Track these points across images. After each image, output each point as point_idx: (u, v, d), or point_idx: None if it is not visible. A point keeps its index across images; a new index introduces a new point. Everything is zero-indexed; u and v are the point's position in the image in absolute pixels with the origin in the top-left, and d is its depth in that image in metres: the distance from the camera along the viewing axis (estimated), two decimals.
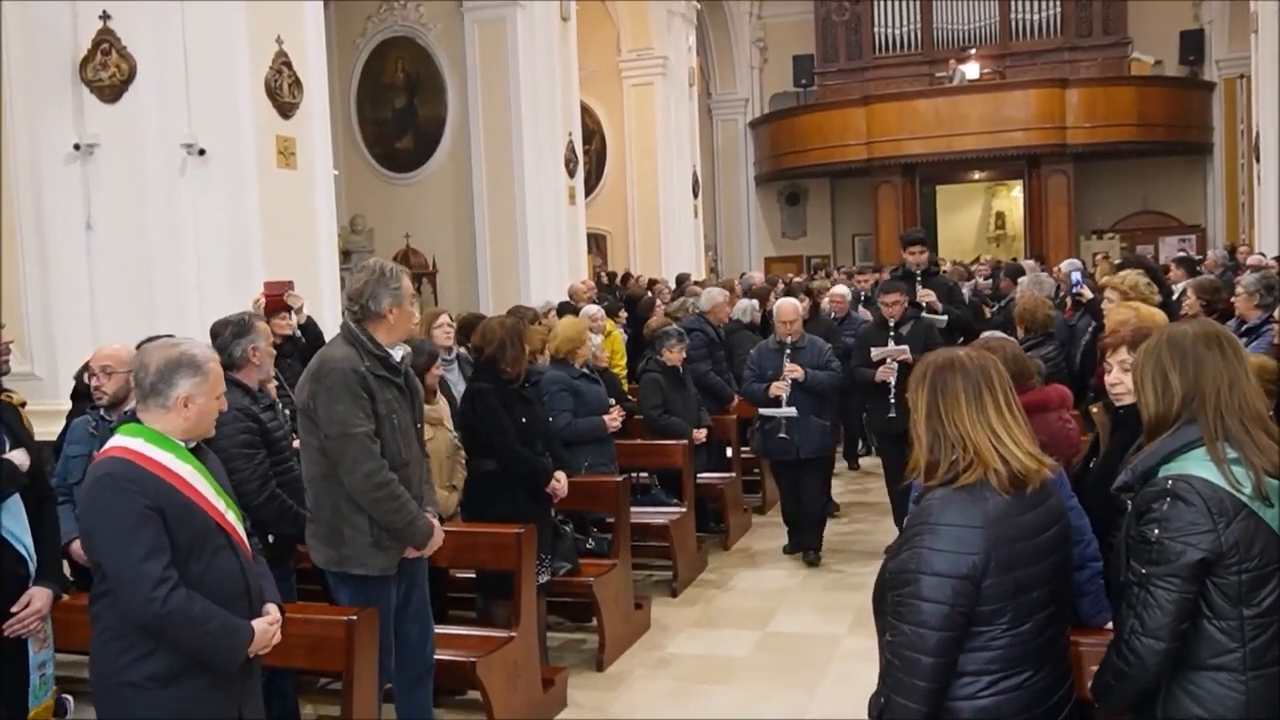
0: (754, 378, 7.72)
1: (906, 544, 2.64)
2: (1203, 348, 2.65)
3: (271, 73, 7.56)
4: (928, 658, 2.56)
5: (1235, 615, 2.49)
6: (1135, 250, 18.80)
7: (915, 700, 2.59)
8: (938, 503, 2.64)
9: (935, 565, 2.56)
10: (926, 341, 7.04)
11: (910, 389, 2.84)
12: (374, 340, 4.18)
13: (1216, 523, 2.47)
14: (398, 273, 4.27)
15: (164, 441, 3.12)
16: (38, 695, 3.91)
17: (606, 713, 5.37)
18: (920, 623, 2.56)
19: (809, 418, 7.49)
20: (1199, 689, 2.54)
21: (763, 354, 7.80)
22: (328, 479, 4.16)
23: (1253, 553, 2.47)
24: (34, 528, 3.94)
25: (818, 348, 7.67)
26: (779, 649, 6.12)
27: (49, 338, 7.31)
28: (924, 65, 24.20)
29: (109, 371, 4.77)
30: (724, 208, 25.95)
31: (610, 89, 18.12)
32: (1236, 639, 2.50)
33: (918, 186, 23.87)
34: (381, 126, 13.64)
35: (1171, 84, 22.89)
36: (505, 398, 5.43)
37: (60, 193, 7.29)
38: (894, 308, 7.57)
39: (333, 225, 8.39)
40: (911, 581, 2.58)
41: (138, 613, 2.99)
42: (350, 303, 4.22)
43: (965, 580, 2.55)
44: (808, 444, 7.53)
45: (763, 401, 7.56)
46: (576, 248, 13.72)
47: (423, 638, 4.50)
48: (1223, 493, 2.50)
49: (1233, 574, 2.48)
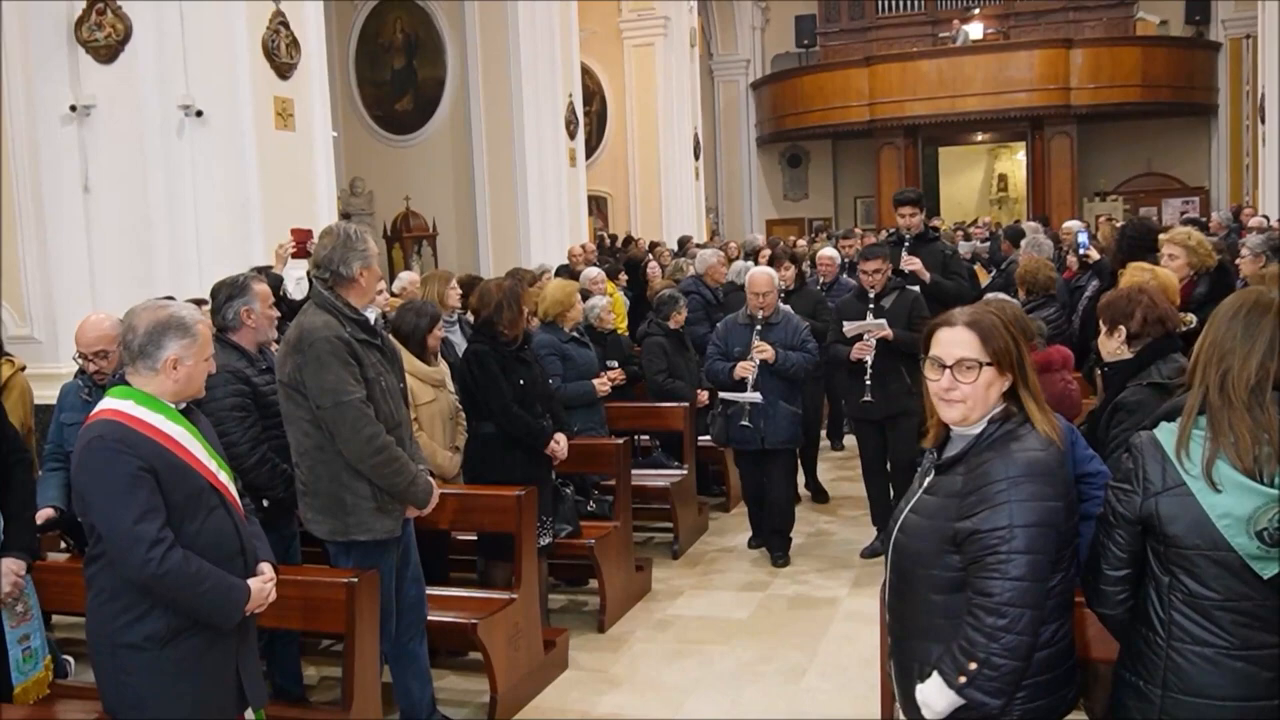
0: (718, 355, 6.86)
1: (985, 503, 2.56)
2: (1230, 317, 2.57)
3: (269, 33, 7.49)
4: (1032, 610, 2.53)
5: (1165, 583, 2.50)
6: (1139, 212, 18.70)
7: (1019, 657, 2.55)
8: (1014, 456, 2.58)
9: (1027, 516, 2.52)
10: (911, 316, 6.48)
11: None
12: (349, 305, 4.15)
13: (1146, 488, 2.48)
14: (363, 234, 4.23)
15: (154, 403, 3.11)
16: (22, 670, 3.82)
17: (608, 674, 5.40)
18: (1021, 577, 2.51)
19: (777, 404, 6.67)
20: (1133, 645, 2.59)
21: (730, 329, 6.92)
22: (321, 450, 4.11)
23: (1170, 530, 2.45)
24: (1, 494, 3.80)
25: (792, 325, 6.80)
26: (780, 611, 6.14)
27: (48, 301, 7.29)
28: (927, 25, 24.06)
29: (104, 354, 4.62)
30: (725, 170, 25.85)
31: (611, 50, 18.00)
32: (1163, 604, 2.51)
33: (920, 148, 23.76)
34: (380, 88, 13.56)
35: (1177, 44, 22.73)
36: (503, 360, 5.41)
37: (57, 155, 7.26)
38: (874, 277, 6.61)
39: (332, 187, 8.35)
40: (1008, 537, 2.52)
41: (134, 574, 2.99)
42: (319, 270, 4.17)
43: (1052, 528, 2.54)
44: (774, 433, 6.71)
45: (726, 384, 6.76)
46: (577, 210, 13.68)
47: (419, 598, 4.52)
48: (1168, 463, 2.47)
49: (1157, 542, 2.50)
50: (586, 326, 7.20)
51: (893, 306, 6.57)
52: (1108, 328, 3.73)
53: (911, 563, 2.72)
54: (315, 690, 5.26)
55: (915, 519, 2.73)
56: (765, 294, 6.69)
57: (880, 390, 6.45)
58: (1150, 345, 3.58)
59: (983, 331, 2.65)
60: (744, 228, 23.75)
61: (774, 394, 6.64)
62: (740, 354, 6.69)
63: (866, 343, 6.44)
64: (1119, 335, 3.68)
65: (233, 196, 7.34)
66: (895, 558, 2.78)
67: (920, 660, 2.70)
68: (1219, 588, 2.43)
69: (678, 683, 5.27)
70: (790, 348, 6.67)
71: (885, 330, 6.41)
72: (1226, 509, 2.39)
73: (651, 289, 9.72)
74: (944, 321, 2.74)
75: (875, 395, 6.46)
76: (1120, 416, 3.36)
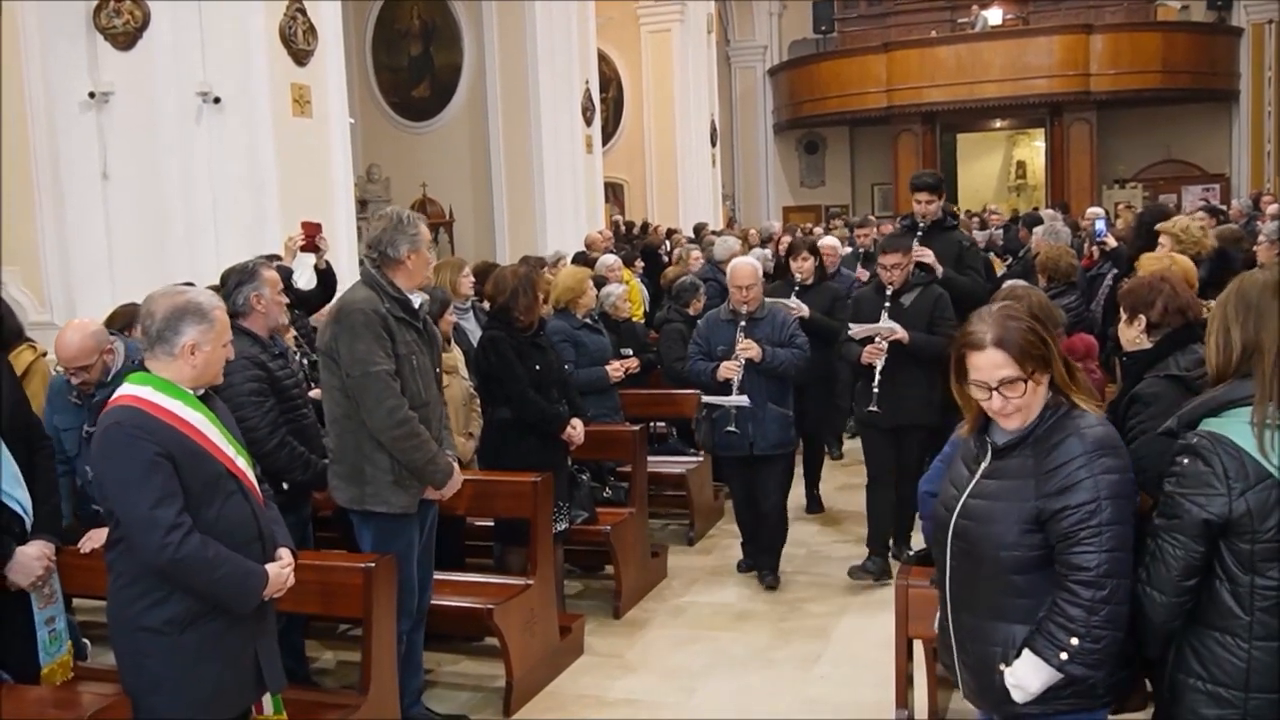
0: (699, 354, 6.28)
1: (1067, 479, 2.63)
2: (1269, 298, 2.52)
3: (286, 19, 7.51)
4: (1125, 580, 2.61)
5: (1246, 582, 2.44)
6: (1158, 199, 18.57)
7: (1120, 627, 2.62)
8: (1081, 432, 2.66)
9: (1110, 488, 2.60)
10: (934, 317, 5.99)
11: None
12: (393, 284, 4.27)
13: (1231, 488, 2.42)
14: (415, 220, 4.37)
15: (172, 389, 3.12)
16: (49, 651, 3.86)
17: (623, 659, 5.42)
18: (1115, 547, 2.58)
19: (766, 406, 6.09)
20: (1203, 648, 2.53)
21: (712, 326, 6.34)
22: (349, 419, 4.22)
23: (1267, 524, 2.40)
24: (28, 479, 3.83)
25: (780, 320, 6.23)
26: (794, 598, 6.14)
27: (67, 287, 7.34)
28: (946, 11, 23.89)
29: (85, 368, 4.52)
30: (742, 157, 25.78)
31: (628, 36, 17.96)
32: (1244, 605, 2.45)
33: (938, 135, 23.64)
34: (397, 74, 13.57)
35: (1198, 30, 22.52)
36: (518, 345, 5.42)
37: (76, 141, 7.29)
38: (894, 272, 6.05)
39: (349, 174, 8.37)
40: (1097, 510, 2.59)
41: (152, 559, 3.01)
42: (369, 249, 4.34)
43: (1129, 500, 2.64)
44: (764, 438, 6.12)
45: (710, 386, 6.19)
46: (594, 197, 13.67)
47: (423, 584, 4.55)
48: (1246, 458, 2.42)
49: (1244, 541, 2.43)
50: (601, 314, 7.20)
51: (913, 305, 6.04)
52: (1128, 316, 3.69)
53: (985, 546, 2.72)
54: (333, 674, 5.30)
55: (982, 504, 2.74)
56: (749, 287, 6.12)
57: (893, 399, 5.96)
58: (1169, 335, 3.54)
59: (1013, 347, 2.68)
60: (761, 214, 23.69)
61: (762, 395, 6.07)
62: (724, 353, 6.12)
63: (878, 345, 5.94)
64: (1139, 324, 3.64)
65: (250, 183, 7.36)
66: (961, 544, 2.79)
67: (1003, 643, 2.71)
68: None
69: (692, 668, 5.29)
70: (778, 344, 6.10)
71: (898, 333, 5.89)
72: None
73: (665, 277, 9.71)
74: (971, 344, 2.73)
75: (886, 404, 5.95)
76: (1137, 409, 3.33)
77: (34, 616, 3.84)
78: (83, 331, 4.57)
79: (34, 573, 3.78)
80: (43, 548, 3.83)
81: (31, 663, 3.84)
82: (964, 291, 6.32)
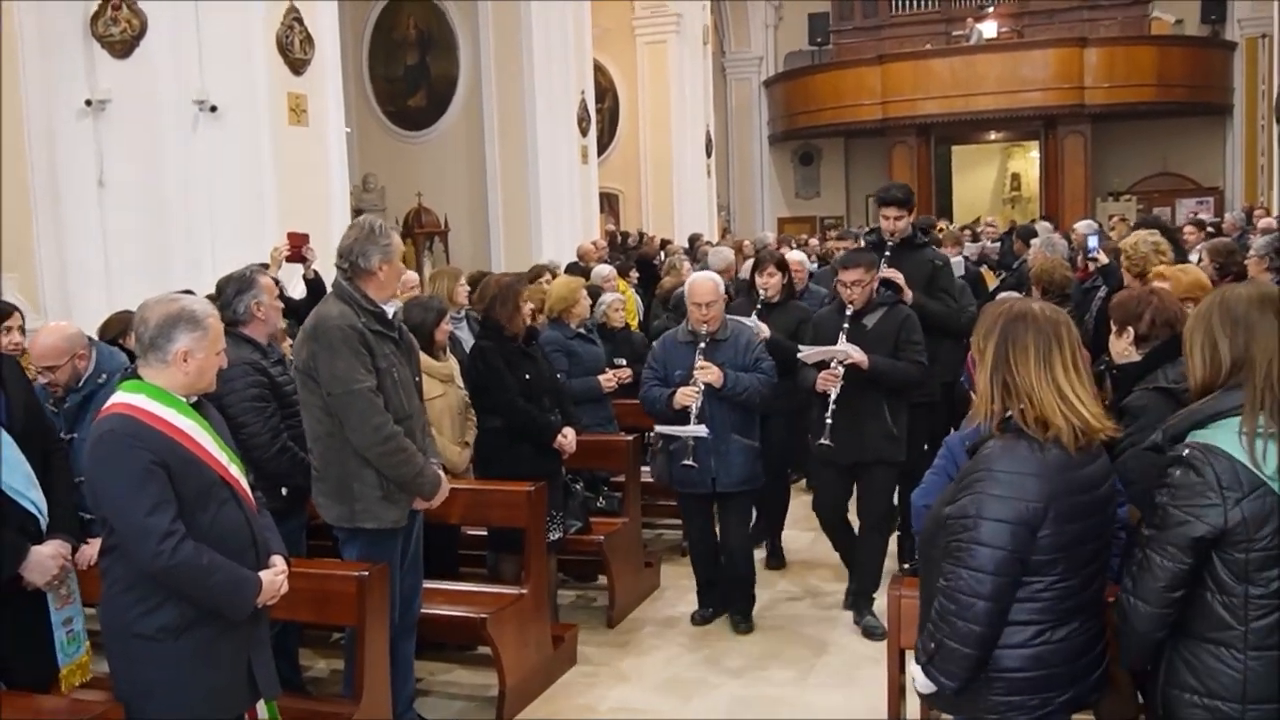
0: (654, 379, 5.67)
1: (965, 490, 2.64)
2: (1257, 312, 2.54)
3: (283, 29, 7.54)
4: (984, 602, 2.58)
5: (1240, 592, 2.45)
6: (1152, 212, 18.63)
7: (969, 644, 2.61)
8: (999, 450, 2.64)
9: (995, 510, 2.57)
10: (900, 340, 5.44)
11: (977, 337, 2.78)
12: (366, 296, 4.20)
13: (1225, 497, 2.42)
14: (387, 230, 4.29)
15: (165, 397, 3.13)
16: (67, 652, 3.84)
17: (616, 669, 5.42)
18: (978, 567, 2.57)
19: (730, 437, 5.50)
20: (1196, 661, 2.52)
21: (669, 348, 5.70)
22: (333, 437, 4.18)
23: (1262, 533, 2.41)
24: (42, 480, 3.84)
25: (743, 341, 5.62)
26: (788, 607, 6.15)
27: (64, 295, 7.34)
28: (941, 23, 23.98)
29: (52, 368, 4.52)
30: (737, 168, 25.84)
31: (624, 47, 18.02)
32: (1238, 616, 2.45)
33: (933, 147, 23.71)
34: (393, 84, 13.60)
35: (1192, 44, 22.63)
36: (508, 354, 5.42)
37: (73, 149, 7.31)
38: (854, 290, 5.44)
39: (345, 183, 8.39)
40: (971, 526, 2.59)
41: (145, 565, 3.02)
42: (340, 260, 4.25)
43: (1024, 526, 2.56)
44: (728, 473, 5.54)
45: (666, 414, 5.56)
46: (589, 207, 13.71)
47: (413, 592, 4.55)
48: (1239, 467, 2.43)
49: (1239, 551, 2.43)
50: (597, 324, 7.20)
51: (876, 327, 5.48)
52: (1117, 328, 3.73)
53: (923, 549, 2.84)
54: (325, 683, 5.30)
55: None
56: (709, 304, 5.51)
57: (851, 432, 5.39)
58: (1158, 348, 3.57)
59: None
60: (756, 225, 23.75)
61: (725, 426, 5.49)
62: (681, 378, 5.52)
63: (833, 371, 5.34)
64: (1128, 336, 3.68)
65: (246, 191, 7.38)
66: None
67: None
68: None
69: (685, 678, 5.29)
70: (742, 368, 5.51)
71: (854, 357, 5.29)
72: None
73: (662, 287, 9.71)
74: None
75: (842, 438, 5.36)
76: (1125, 421, 3.35)
77: (50, 617, 3.83)
78: (57, 334, 4.58)
79: (50, 572, 3.77)
80: (59, 547, 3.81)
81: (45, 665, 3.82)
82: (937, 319, 5.96)
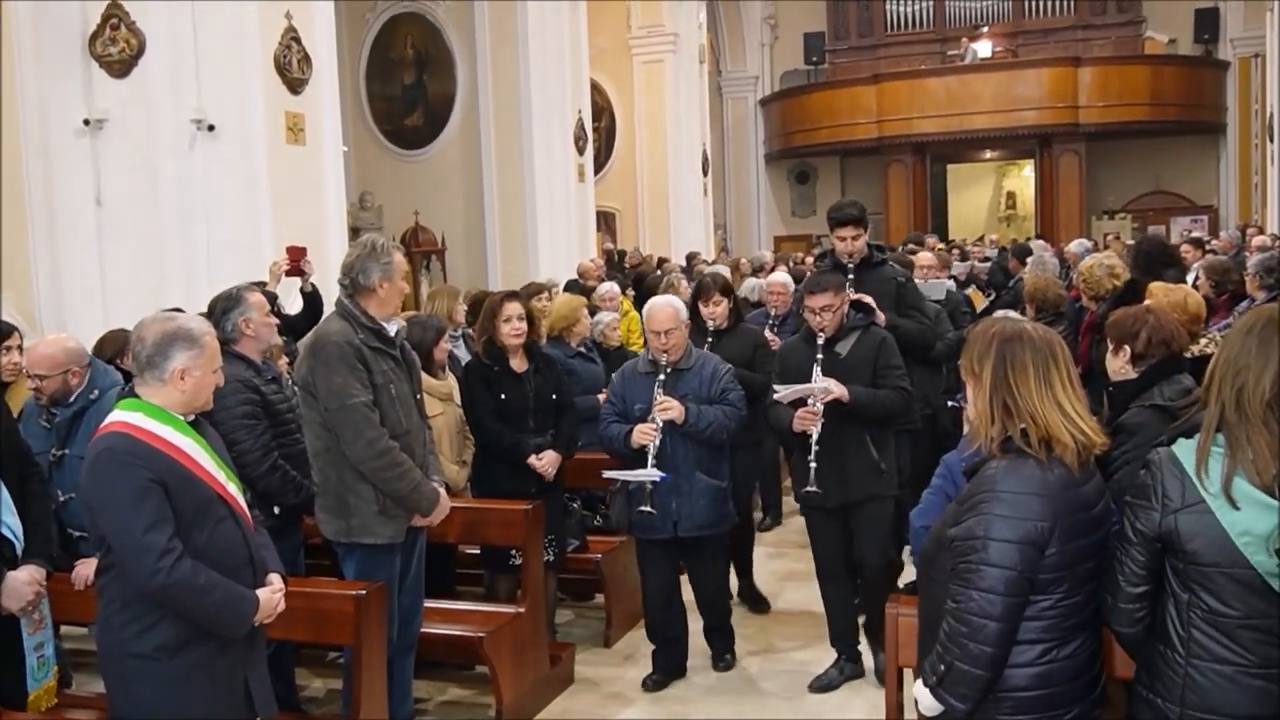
0: (612, 414, 5.19)
1: (970, 511, 2.63)
2: (1244, 333, 2.55)
3: (281, 48, 7.56)
4: (995, 623, 2.57)
5: (1184, 600, 2.49)
6: (1147, 231, 18.69)
7: (981, 666, 2.60)
8: (1002, 470, 2.63)
9: (1003, 531, 2.56)
10: (878, 367, 4.94)
11: (970, 359, 2.75)
12: (366, 313, 4.22)
13: (1165, 504, 2.47)
14: (389, 248, 4.32)
15: (163, 415, 3.13)
16: (36, 677, 3.86)
17: (613, 688, 5.40)
18: (989, 589, 2.56)
19: (695, 477, 5.03)
20: (1149, 661, 2.60)
21: (628, 380, 5.22)
22: (331, 452, 4.21)
23: (1189, 547, 2.44)
24: (18, 504, 3.84)
25: (709, 370, 5.13)
26: (787, 623, 6.14)
27: (60, 313, 7.35)
28: (936, 43, 24.12)
29: (42, 377, 4.54)
30: (733, 186, 25.93)
31: (620, 66, 18.09)
32: (1181, 621, 2.50)
33: (928, 165, 23.83)
34: (391, 103, 13.64)
35: (1186, 63, 22.78)
36: (485, 374, 5.39)
37: (70, 168, 7.33)
38: (824, 315, 4.91)
39: (342, 202, 8.41)
40: (979, 548, 2.58)
41: (143, 584, 3.01)
42: (342, 277, 4.29)
43: (1032, 546, 2.56)
44: (691, 516, 5.07)
45: (624, 453, 5.07)
46: (586, 225, 13.74)
47: (413, 611, 4.53)
48: (1187, 480, 2.46)
49: (1176, 559, 2.49)
50: (594, 342, 7.21)
51: (852, 354, 4.96)
52: (1113, 346, 3.74)
53: (923, 569, 2.84)
54: (321, 703, 5.27)
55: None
56: (668, 331, 5.01)
57: (837, 473, 4.91)
58: (1154, 366, 3.59)
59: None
60: (752, 244, 23.79)
61: (690, 464, 5.02)
62: (641, 412, 5.03)
63: (812, 408, 4.80)
64: (1124, 354, 3.69)
65: (243, 210, 7.40)
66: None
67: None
68: (1239, 605, 2.42)
69: (683, 696, 5.27)
70: (707, 401, 5.05)
71: (834, 392, 4.77)
72: (1245, 527, 2.39)
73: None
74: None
75: (829, 480, 4.88)
76: (1121, 438, 3.36)
77: (23, 642, 3.83)
78: (56, 345, 4.60)
79: (25, 598, 3.78)
80: (34, 573, 3.82)
81: (19, 689, 3.83)
82: (914, 337, 5.63)
